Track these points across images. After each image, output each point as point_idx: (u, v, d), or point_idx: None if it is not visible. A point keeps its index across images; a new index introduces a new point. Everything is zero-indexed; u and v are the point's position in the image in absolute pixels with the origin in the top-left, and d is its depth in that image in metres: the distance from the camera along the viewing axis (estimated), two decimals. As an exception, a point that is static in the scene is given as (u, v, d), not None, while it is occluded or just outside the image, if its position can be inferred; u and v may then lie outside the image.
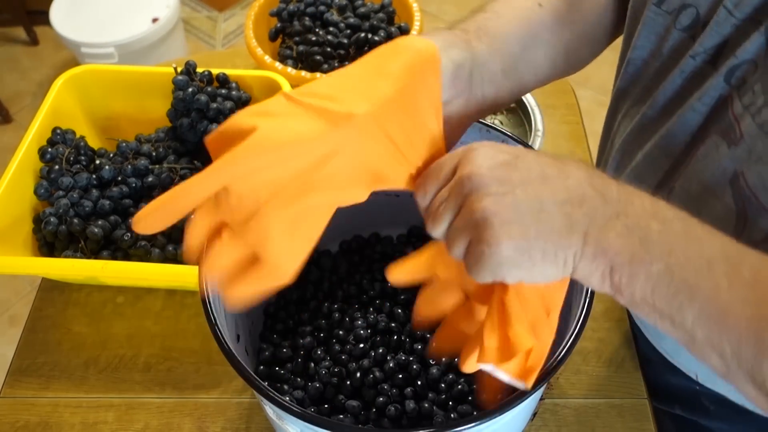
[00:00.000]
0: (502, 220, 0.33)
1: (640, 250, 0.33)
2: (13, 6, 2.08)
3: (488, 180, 0.34)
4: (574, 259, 0.34)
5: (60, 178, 0.69)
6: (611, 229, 0.33)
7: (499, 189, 0.34)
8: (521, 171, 0.34)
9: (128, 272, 0.62)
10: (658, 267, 0.33)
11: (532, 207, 0.33)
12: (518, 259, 0.33)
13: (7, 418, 0.64)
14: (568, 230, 0.33)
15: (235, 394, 0.65)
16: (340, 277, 0.64)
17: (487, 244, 0.33)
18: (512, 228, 0.33)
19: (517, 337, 0.36)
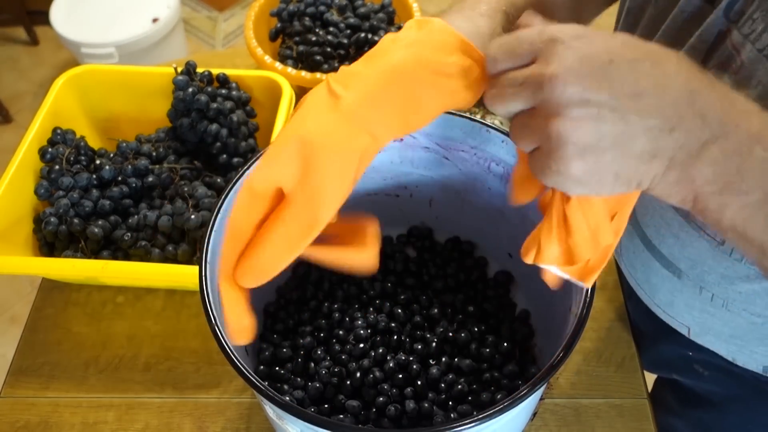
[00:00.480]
0: (578, 141, 0.30)
1: (737, 179, 0.30)
2: (13, 6, 2.08)
3: (573, 96, 0.30)
4: (652, 181, 0.32)
5: (60, 178, 0.69)
6: (704, 156, 0.30)
7: (582, 111, 0.30)
8: (613, 84, 0.30)
9: (128, 272, 0.62)
10: (756, 197, 0.30)
11: (615, 131, 0.30)
12: (587, 179, 0.31)
13: (7, 418, 0.64)
14: (651, 156, 0.31)
15: (235, 394, 0.65)
16: (340, 277, 0.64)
17: (555, 161, 0.31)
18: (587, 152, 0.30)
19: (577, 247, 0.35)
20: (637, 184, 0.32)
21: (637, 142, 0.31)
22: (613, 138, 0.30)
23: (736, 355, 0.56)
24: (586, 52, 0.31)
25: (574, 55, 0.30)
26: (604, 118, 0.30)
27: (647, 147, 0.31)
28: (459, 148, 0.56)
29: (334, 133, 0.35)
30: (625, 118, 0.30)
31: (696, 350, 0.60)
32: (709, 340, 0.57)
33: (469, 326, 0.59)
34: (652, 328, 0.64)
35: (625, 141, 0.30)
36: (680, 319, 0.58)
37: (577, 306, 0.45)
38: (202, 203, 0.68)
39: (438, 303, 0.61)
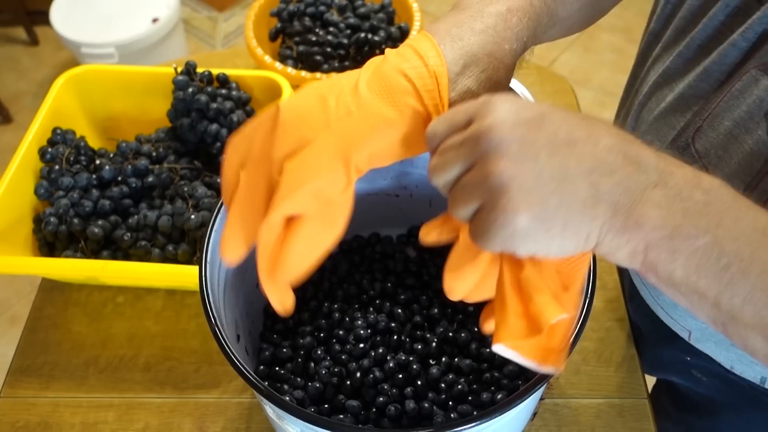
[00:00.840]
0: (520, 186, 0.30)
1: (684, 223, 0.30)
2: (13, 6, 2.08)
3: (509, 139, 0.30)
4: (600, 233, 0.31)
5: (60, 178, 0.69)
6: (648, 200, 0.30)
7: (520, 151, 0.30)
8: (546, 133, 0.31)
9: (128, 272, 0.62)
10: (705, 240, 0.30)
11: (555, 174, 0.30)
12: (535, 230, 0.31)
13: (7, 418, 0.64)
14: (594, 201, 0.30)
15: (235, 394, 0.65)
16: (340, 277, 0.64)
17: (502, 212, 0.30)
18: (531, 196, 0.30)
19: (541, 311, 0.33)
20: (586, 236, 0.31)
21: (578, 187, 0.30)
22: (554, 183, 0.30)
23: (735, 364, 0.55)
24: (521, 107, 0.32)
25: (509, 108, 0.31)
26: (543, 162, 0.30)
27: (589, 192, 0.30)
28: (459, 148, 0.56)
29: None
30: (563, 163, 0.30)
31: (695, 356, 0.59)
32: (708, 347, 0.57)
33: (469, 326, 0.59)
34: (653, 331, 0.64)
35: (567, 187, 0.30)
36: (682, 323, 0.58)
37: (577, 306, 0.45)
38: (202, 203, 0.68)
39: (438, 303, 0.61)
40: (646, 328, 0.66)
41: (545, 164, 0.30)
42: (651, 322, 0.63)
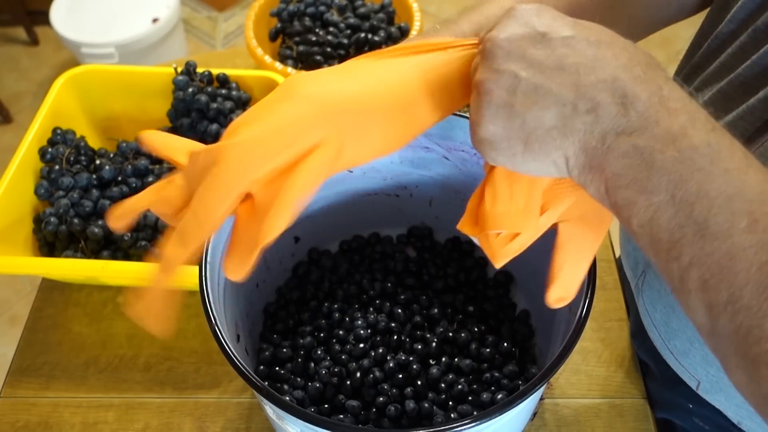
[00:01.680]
0: (491, 100, 0.31)
1: (644, 177, 0.30)
2: (13, 6, 2.08)
3: (499, 52, 0.31)
4: (567, 165, 0.32)
5: (60, 178, 0.69)
6: (616, 146, 0.30)
7: (503, 65, 0.31)
8: (539, 52, 0.31)
9: (128, 272, 0.62)
10: (661, 198, 0.30)
11: (529, 95, 0.31)
12: (497, 144, 0.32)
13: (7, 418, 0.64)
14: (561, 133, 0.31)
15: (235, 394, 0.65)
16: (340, 277, 0.64)
17: (474, 119, 0.33)
18: (498, 112, 0.31)
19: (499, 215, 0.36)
20: (552, 163, 0.32)
21: (547, 114, 0.31)
22: (525, 103, 0.31)
23: (744, 420, 0.53)
24: (527, 22, 0.32)
25: (514, 23, 0.32)
26: (521, 81, 0.31)
27: (557, 122, 0.31)
28: (459, 148, 0.56)
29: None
30: (541, 85, 0.31)
31: (699, 404, 0.57)
32: (717, 399, 0.55)
33: (469, 326, 0.59)
34: (658, 371, 0.62)
35: (535, 109, 0.31)
36: (692, 371, 0.56)
37: (577, 306, 0.45)
38: (202, 203, 0.68)
39: (438, 303, 0.61)
40: (652, 366, 0.64)
41: (522, 83, 0.31)
42: (656, 363, 0.61)
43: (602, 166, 0.31)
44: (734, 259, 0.28)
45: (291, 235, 0.62)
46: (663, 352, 0.59)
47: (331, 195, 0.61)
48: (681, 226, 0.29)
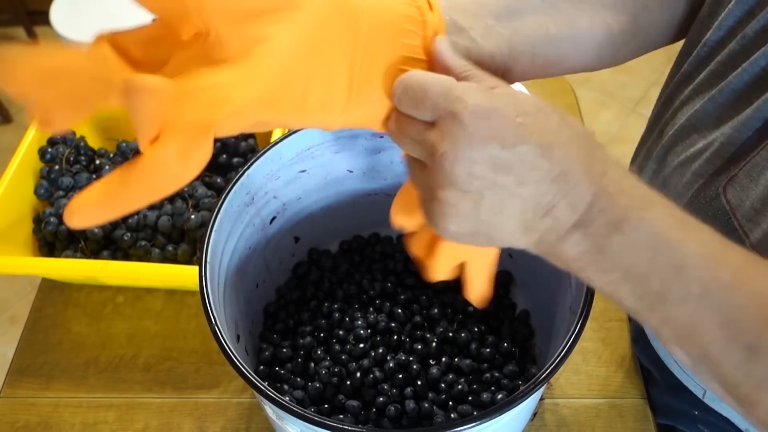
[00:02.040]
0: (458, 212, 0.33)
1: (597, 259, 0.33)
2: (13, 6, 2.08)
3: (461, 174, 0.32)
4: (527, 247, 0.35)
5: (60, 178, 0.69)
6: (570, 238, 0.33)
7: (467, 185, 0.32)
8: (499, 172, 0.32)
9: (128, 272, 0.62)
10: (616, 275, 0.33)
11: (492, 210, 0.33)
12: (461, 238, 0.34)
13: (7, 418, 0.64)
14: (522, 234, 0.34)
15: (235, 394, 0.65)
16: (340, 277, 0.64)
17: (435, 221, 0.34)
18: (464, 221, 0.33)
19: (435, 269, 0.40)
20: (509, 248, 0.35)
21: (510, 223, 0.33)
22: (490, 214, 0.33)
23: (752, 427, 0.53)
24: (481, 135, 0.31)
25: (468, 138, 0.31)
26: (486, 198, 0.32)
27: (520, 227, 0.33)
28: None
29: None
30: (504, 201, 0.32)
31: (705, 411, 0.57)
32: (724, 407, 0.55)
33: (469, 326, 0.59)
34: (661, 380, 0.62)
35: (500, 219, 0.33)
36: (698, 380, 0.56)
37: (577, 306, 0.45)
38: (202, 203, 0.68)
39: (438, 303, 0.61)
40: (654, 373, 0.64)
41: (487, 201, 0.33)
42: (659, 370, 0.61)
43: (559, 254, 0.34)
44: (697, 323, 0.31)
45: (291, 235, 0.62)
46: (667, 361, 0.59)
47: (331, 195, 0.61)
48: (641, 298, 0.32)
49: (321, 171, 0.58)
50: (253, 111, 0.31)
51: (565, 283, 0.50)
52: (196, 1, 0.28)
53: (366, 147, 0.57)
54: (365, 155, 0.58)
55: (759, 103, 0.42)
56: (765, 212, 0.42)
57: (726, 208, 0.44)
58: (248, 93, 0.30)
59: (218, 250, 0.50)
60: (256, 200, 0.54)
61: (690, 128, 0.49)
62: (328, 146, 0.56)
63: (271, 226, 0.58)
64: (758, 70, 0.43)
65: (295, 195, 0.58)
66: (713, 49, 0.47)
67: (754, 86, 0.43)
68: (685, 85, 0.50)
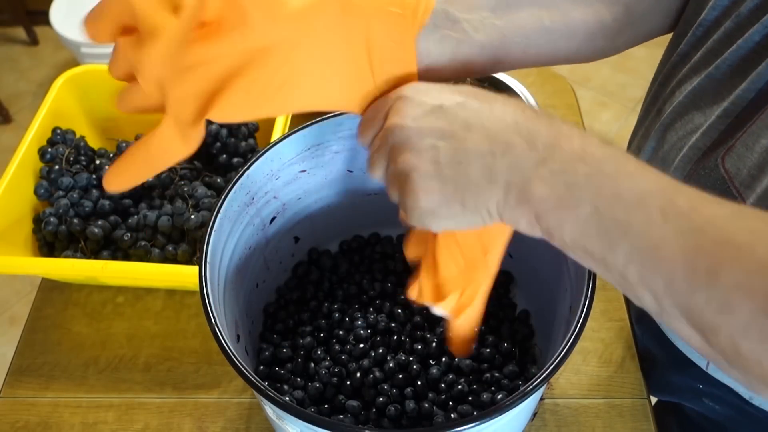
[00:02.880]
0: (420, 174, 0.34)
1: (566, 195, 0.33)
2: (13, 6, 2.08)
3: (411, 133, 0.34)
4: (498, 208, 0.35)
5: (60, 178, 0.69)
6: (536, 176, 0.33)
7: (420, 142, 0.34)
8: (446, 120, 0.34)
9: (128, 272, 0.62)
10: (586, 210, 0.33)
11: (452, 159, 0.34)
12: (438, 210, 0.35)
13: (7, 418, 0.64)
14: (489, 181, 0.34)
15: (235, 394, 0.65)
16: (340, 277, 0.64)
17: (409, 197, 0.35)
18: (430, 182, 0.34)
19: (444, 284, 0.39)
20: (486, 212, 0.35)
21: (472, 169, 0.34)
22: (451, 167, 0.34)
23: (755, 395, 0.54)
24: (421, 100, 0.35)
25: (410, 103, 0.35)
26: (440, 148, 0.34)
27: (484, 173, 0.34)
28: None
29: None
30: (458, 148, 0.34)
31: (709, 384, 0.57)
32: (728, 377, 0.55)
33: (469, 326, 0.59)
34: (664, 356, 0.62)
35: (462, 170, 0.34)
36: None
37: (577, 306, 0.45)
38: (202, 203, 0.68)
39: (438, 303, 0.61)
40: (656, 352, 0.64)
41: (443, 151, 0.34)
42: (662, 347, 0.61)
43: (528, 197, 0.34)
44: (659, 249, 0.31)
45: (291, 235, 0.62)
46: (669, 333, 0.59)
47: (331, 195, 0.61)
48: (608, 231, 0.32)
49: (321, 171, 0.58)
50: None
51: (565, 283, 0.50)
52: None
53: (366, 147, 0.57)
54: (365, 155, 0.57)
55: (753, 75, 0.44)
56: (760, 177, 0.43)
57: (725, 177, 0.45)
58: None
59: (218, 250, 0.50)
60: (256, 200, 0.54)
61: (688, 105, 0.50)
62: (328, 146, 0.56)
63: (271, 226, 0.58)
64: (752, 45, 0.44)
65: (295, 195, 0.58)
66: (708, 29, 0.48)
67: (749, 60, 0.44)
68: (682, 65, 0.51)
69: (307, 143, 0.54)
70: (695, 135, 0.48)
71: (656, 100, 0.56)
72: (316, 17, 0.36)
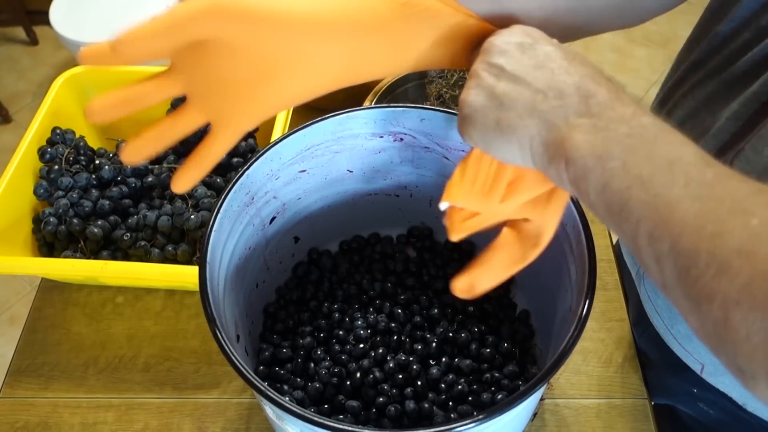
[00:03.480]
0: (479, 83, 0.37)
1: (600, 147, 0.34)
2: (13, 6, 2.08)
3: (494, 50, 0.38)
4: (531, 144, 0.36)
5: (60, 178, 0.69)
6: (577, 125, 0.35)
7: (494, 59, 0.37)
8: (525, 54, 0.37)
9: (128, 272, 0.62)
10: (614, 164, 0.33)
11: (509, 82, 0.36)
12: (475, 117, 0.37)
13: (7, 418, 0.64)
14: (530, 111, 0.36)
15: (235, 394, 0.65)
16: (340, 277, 0.64)
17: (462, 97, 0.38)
18: (482, 91, 0.37)
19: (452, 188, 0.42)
20: (517, 140, 0.36)
21: (521, 97, 0.36)
22: (506, 86, 0.36)
23: (749, 401, 0.54)
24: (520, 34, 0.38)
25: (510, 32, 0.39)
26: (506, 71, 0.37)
27: (527, 105, 0.36)
28: (459, 148, 0.56)
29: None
30: (521, 77, 0.36)
31: (703, 389, 0.58)
32: (722, 381, 0.55)
33: (469, 326, 0.59)
34: (660, 359, 0.62)
35: (512, 92, 0.36)
36: (696, 356, 0.56)
37: (577, 306, 0.45)
38: (202, 203, 0.68)
39: (438, 303, 0.61)
40: (652, 355, 0.64)
41: (506, 72, 0.37)
42: (658, 350, 0.61)
43: (563, 141, 0.35)
44: (673, 209, 0.32)
45: (291, 235, 0.62)
46: (666, 337, 0.59)
47: (331, 195, 0.61)
48: (629, 187, 0.33)
49: (321, 171, 0.57)
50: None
51: (566, 283, 0.50)
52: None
53: (366, 147, 0.57)
54: (365, 155, 0.58)
55: (765, 77, 0.44)
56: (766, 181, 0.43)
57: None
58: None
59: (218, 250, 0.50)
60: (256, 200, 0.54)
61: (700, 107, 0.50)
62: (328, 146, 0.56)
63: (271, 226, 0.58)
64: (766, 51, 0.45)
65: (295, 195, 0.58)
66: (726, 39, 0.49)
67: (762, 64, 0.45)
68: (696, 71, 0.52)
69: (307, 143, 0.54)
70: (705, 137, 0.48)
71: (666, 102, 0.56)
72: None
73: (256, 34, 0.36)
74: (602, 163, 0.34)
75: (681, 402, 0.62)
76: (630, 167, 0.33)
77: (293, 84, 0.38)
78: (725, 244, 0.30)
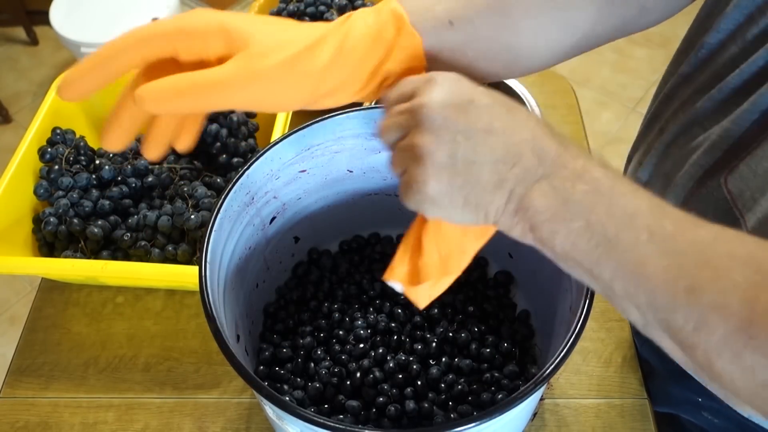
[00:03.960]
0: (434, 161, 0.35)
1: (562, 210, 0.35)
2: (13, 6, 2.08)
3: (436, 118, 0.36)
4: (496, 213, 0.36)
5: (60, 178, 0.69)
6: (537, 189, 0.35)
7: (442, 131, 0.36)
8: (470, 118, 0.36)
9: (128, 272, 0.62)
10: (578, 224, 0.34)
11: (467, 157, 0.35)
12: (440, 200, 0.36)
13: (7, 418, 0.64)
14: (495, 187, 0.36)
15: (235, 394, 0.65)
16: (340, 277, 0.64)
17: (416, 179, 0.36)
18: (442, 172, 0.35)
19: (425, 269, 0.41)
20: (484, 214, 0.37)
21: (484, 173, 0.35)
22: (464, 164, 0.35)
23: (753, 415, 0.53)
24: (454, 90, 0.37)
25: (443, 91, 0.37)
26: (460, 144, 0.35)
27: (493, 178, 0.35)
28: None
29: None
30: (476, 149, 0.35)
31: (708, 398, 0.57)
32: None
33: (469, 326, 0.59)
34: (663, 368, 0.62)
35: (474, 170, 0.35)
36: None
37: (577, 306, 0.45)
38: (202, 203, 0.68)
39: (438, 303, 0.61)
40: (655, 363, 0.64)
41: (461, 146, 0.35)
42: (661, 359, 0.61)
43: (526, 207, 0.36)
44: (644, 266, 0.33)
45: (291, 235, 0.62)
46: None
47: (331, 195, 0.61)
48: (597, 246, 0.34)
49: (321, 171, 0.58)
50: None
51: (566, 283, 0.50)
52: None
53: (366, 147, 0.57)
54: (365, 155, 0.58)
55: (755, 96, 0.44)
56: (761, 201, 0.44)
57: (727, 197, 0.46)
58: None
59: (218, 250, 0.50)
60: (256, 200, 0.54)
61: (692, 124, 0.50)
62: (328, 146, 0.56)
63: (271, 226, 0.58)
64: (756, 69, 0.45)
65: (295, 195, 0.58)
66: (713, 51, 0.49)
67: (751, 83, 0.45)
68: (685, 86, 0.52)
69: (307, 143, 0.54)
70: (697, 152, 0.49)
71: (658, 117, 0.57)
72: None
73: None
74: (566, 225, 0.35)
75: (684, 411, 0.62)
76: (594, 226, 0.34)
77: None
78: (699, 300, 0.32)
